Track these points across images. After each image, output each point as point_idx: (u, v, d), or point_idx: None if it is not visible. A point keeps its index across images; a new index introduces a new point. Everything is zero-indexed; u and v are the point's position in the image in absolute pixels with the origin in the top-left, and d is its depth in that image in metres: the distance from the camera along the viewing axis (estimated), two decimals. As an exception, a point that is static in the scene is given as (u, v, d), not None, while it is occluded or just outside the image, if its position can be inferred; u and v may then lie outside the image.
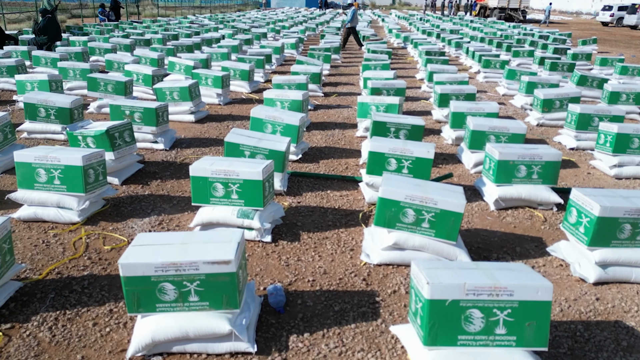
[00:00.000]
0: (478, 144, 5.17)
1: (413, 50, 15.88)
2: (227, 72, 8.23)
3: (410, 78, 11.44)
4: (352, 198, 4.45)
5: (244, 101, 8.56)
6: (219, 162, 3.61)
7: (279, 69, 12.33)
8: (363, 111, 6.45)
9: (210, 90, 8.12)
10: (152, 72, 8.03)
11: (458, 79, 8.28)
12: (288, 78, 7.78)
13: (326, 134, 6.63)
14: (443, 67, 9.54)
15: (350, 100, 8.88)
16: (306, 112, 6.73)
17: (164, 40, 14.65)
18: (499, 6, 39.43)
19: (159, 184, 4.64)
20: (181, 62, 9.49)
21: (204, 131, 6.53)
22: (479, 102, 6.15)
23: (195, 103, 6.95)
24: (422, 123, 5.17)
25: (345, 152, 5.85)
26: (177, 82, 6.95)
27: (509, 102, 8.88)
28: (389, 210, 3.25)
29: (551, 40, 18.16)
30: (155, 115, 5.50)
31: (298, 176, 4.95)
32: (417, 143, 4.31)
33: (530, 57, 13.90)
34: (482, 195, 4.50)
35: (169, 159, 5.37)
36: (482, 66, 11.25)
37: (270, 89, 6.73)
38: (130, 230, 3.71)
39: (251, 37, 15.92)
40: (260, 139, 4.45)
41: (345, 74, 11.84)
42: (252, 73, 9.31)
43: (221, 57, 11.50)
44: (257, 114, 5.36)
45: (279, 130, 5.31)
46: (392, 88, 7.41)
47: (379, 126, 5.18)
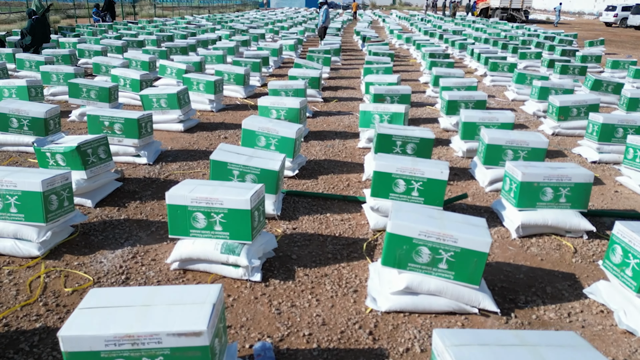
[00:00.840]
0: (494, 159, 4.66)
1: (416, 52, 15.39)
2: (220, 77, 7.72)
3: (413, 82, 10.93)
4: (355, 223, 3.94)
5: (239, 107, 8.05)
6: (200, 188, 3.10)
7: (276, 71, 11.83)
8: (366, 120, 5.94)
9: (202, 96, 7.62)
10: (139, 76, 7.52)
11: (466, 84, 7.77)
12: (285, 83, 7.27)
13: (325, 144, 6.12)
14: (449, 70, 9.04)
15: (351, 106, 8.38)
16: (304, 121, 6.23)
17: (158, 42, 14.16)
18: (501, 6, 38.96)
19: (138, 206, 4.13)
20: (173, 66, 8.99)
21: (193, 142, 6.02)
22: (492, 111, 5.64)
23: (185, 111, 6.45)
24: (431, 136, 4.66)
25: (346, 166, 5.35)
26: (164, 89, 6.44)
27: (520, 109, 8.37)
28: (399, 248, 2.74)
29: (557, 41, 17.65)
30: (137, 127, 4.99)
31: (294, 196, 4.44)
32: (428, 162, 3.80)
33: (537, 59, 13.39)
34: (502, 219, 3.99)
35: (152, 175, 4.86)
36: (489, 69, 10.74)
37: (265, 96, 6.23)
38: (99, 266, 3.20)
39: (248, 38, 15.42)
40: (251, 156, 3.94)
41: (346, 77, 11.33)
42: (247, 77, 8.81)
43: (216, 60, 10.99)
44: (250, 125, 4.86)
45: (273, 143, 4.81)
46: (397, 94, 6.91)
47: (384, 139, 4.67)
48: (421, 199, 3.69)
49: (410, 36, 17.87)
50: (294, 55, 14.37)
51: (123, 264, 3.23)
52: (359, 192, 4.57)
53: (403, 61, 14.43)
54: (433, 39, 18.51)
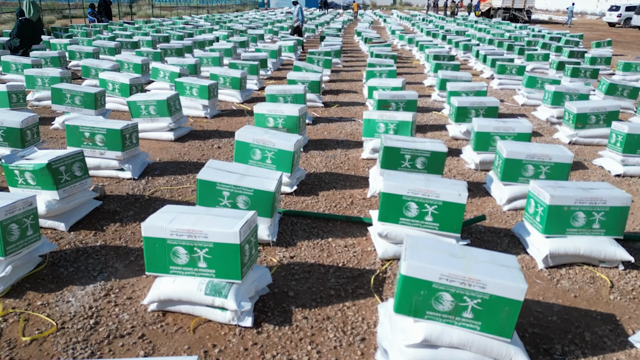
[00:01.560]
0: (513, 175, 4.23)
1: (418, 53, 14.95)
2: (214, 81, 7.28)
3: (417, 85, 10.49)
4: (360, 250, 3.51)
5: (235, 113, 7.61)
6: (182, 217, 2.67)
7: (275, 74, 11.39)
8: (370, 129, 5.51)
9: (196, 102, 7.18)
10: (129, 80, 7.08)
11: (475, 89, 7.34)
12: (283, 88, 6.84)
13: (327, 155, 5.69)
14: (456, 74, 8.61)
15: (354, 111, 7.94)
16: (303, 129, 5.80)
17: (153, 43, 13.72)
18: (503, 6, 38.53)
19: (117, 230, 3.70)
20: (166, 69, 8.57)
21: (183, 152, 5.59)
22: (508, 120, 5.21)
23: (175, 118, 6.01)
24: (443, 149, 4.23)
25: (349, 180, 4.91)
26: (153, 95, 6.00)
27: (532, 114, 7.93)
28: (416, 294, 2.30)
29: (563, 42, 17.23)
30: (120, 138, 4.55)
31: (292, 216, 4.00)
32: (443, 182, 3.36)
33: (545, 60, 12.96)
34: (525, 246, 3.55)
35: (136, 191, 4.42)
36: (497, 72, 10.30)
37: (261, 103, 5.79)
38: (65, 307, 2.77)
39: (247, 39, 14.99)
40: (244, 174, 3.50)
41: (347, 80, 10.90)
42: (244, 81, 8.37)
43: (212, 62, 10.57)
44: (243, 137, 4.42)
45: (269, 157, 4.37)
46: (402, 100, 6.48)
47: (391, 153, 4.24)
48: (436, 224, 3.25)
49: (412, 37, 17.44)
50: (293, 57, 13.94)
51: (93, 304, 2.79)
52: (363, 212, 4.14)
53: (406, 63, 14.00)
54: (436, 39, 18.07)
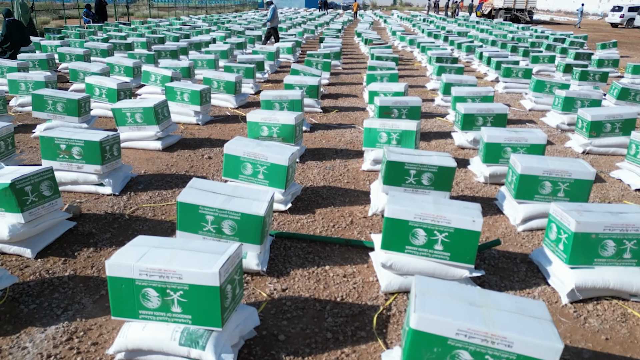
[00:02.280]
0: (528, 192, 3.85)
1: (420, 54, 14.58)
2: (206, 86, 6.90)
3: (419, 88, 10.12)
4: (361, 280, 3.13)
5: (229, 119, 7.24)
6: (153, 253, 2.29)
7: (273, 76, 11.02)
8: (371, 139, 5.13)
9: (187, 108, 6.81)
10: (117, 85, 6.70)
11: (482, 94, 6.96)
12: (280, 93, 6.46)
13: (324, 166, 5.31)
14: (460, 77, 8.23)
15: (353, 117, 7.57)
16: (300, 138, 5.43)
17: (148, 44, 13.36)
18: (504, 7, 38.15)
19: (90, 256, 3.32)
20: (157, 72, 8.19)
21: (171, 164, 5.21)
22: (520, 131, 4.83)
23: (163, 126, 5.64)
24: (452, 164, 3.85)
25: (349, 195, 4.54)
26: (139, 102, 5.63)
27: (541, 120, 7.56)
28: (428, 351, 1.93)
29: (568, 43, 16.86)
30: (99, 151, 4.18)
31: (286, 238, 3.63)
32: (455, 205, 2.98)
33: (551, 63, 12.60)
34: (546, 276, 3.18)
35: (115, 209, 4.05)
36: (503, 75, 9.92)
37: (255, 110, 5.42)
38: (20, 354, 2.39)
39: (244, 40, 14.63)
40: (230, 195, 3.13)
41: (347, 83, 10.52)
42: (239, 85, 8.00)
43: (207, 65, 10.20)
44: (233, 150, 4.05)
45: (261, 171, 4.00)
46: (405, 106, 6.10)
47: (394, 168, 3.87)
48: (446, 253, 2.88)
49: (413, 38, 17.07)
50: (291, 59, 13.57)
51: (52, 352, 2.42)
52: (364, 233, 3.76)
53: (407, 65, 13.63)
54: (437, 40, 17.70)
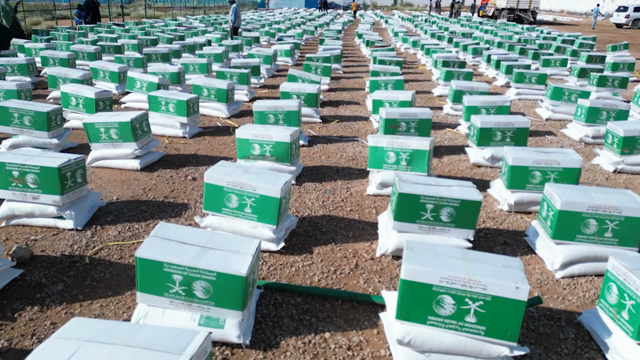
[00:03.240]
0: (569, 231, 3.21)
1: (424, 57, 13.93)
2: (194, 96, 6.25)
3: (426, 94, 9.48)
4: (370, 354, 2.49)
5: (219, 131, 6.60)
6: (86, 351, 1.65)
7: (270, 81, 10.38)
8: (377, 159, 4.50)
9: (172, 119, 6.17)
10: (95, 95, 6.07)
11: (497, 104, 6.32)
12: (275, 104, 5.82)
13: (324, 189, 4.67)
14: (471, 84, 7.59)
15: (356, 128, 6.93)
16: (296, 157, 4.80)
17: (139, 47, 12.72)
18: (507, 7, 37.51)
19: (34, 317, 2.68)
20: (143, 79, 7.55)
21: (149, 187, 4.57)
22: (550, 151, 4.18)
23: (142, 143, 5.00)
24: (476, 197, 3.21)
25: (352, 227, 3.89)
26: (115, 115, 4.99)
27: (560, 132, 6.91)
28: None
29: (577, 45, 16.20)
30: (58, 178, 3.54)
31: (275, 290, 2.99)
32: (490, 262, 2.34)
33: (563, 66, 11.97)
34: (604, 349, 2.52)
35: (75, 249, 3.40)
36: (515, 80, 9.27)
37: (245, 125, 4.79)
38: None
39: (240, 42, 13.98)
40: (205, 246, 2.48)
41: (348, 89, 9.88)
42: (231, 92, 7.36)
43: (199, 69, 9.56)
44: (216, 179, 3.40)
45: (249, 204, 3.36)
46: (414, 119, 5.47)
47: (408, 203, 3.23)
48: (481, 327, 2.24)
49: (417, 40, 16.42)
50: (289, 62, 12.94)
51: None
52: (372, 282, 3.12)
53: (411, 68, 12.99)
54: (442, 42, 17.05)
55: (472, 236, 3.29)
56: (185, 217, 3.98)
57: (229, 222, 3.45)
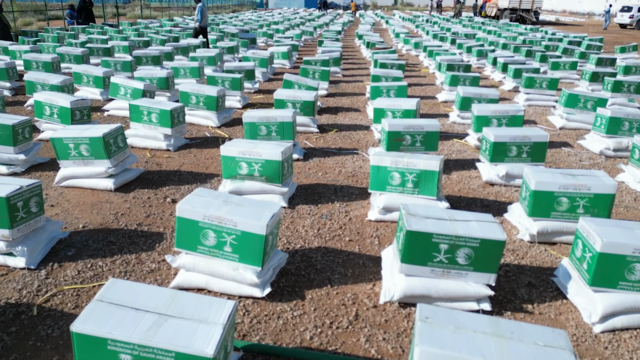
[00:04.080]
0: (612, 277, 2.68)
1: (427, 59, 13.40)
2: (179, 105, 5.72)
3: (429, 100, 8.96)
4: None
5: (208, 142, 6.08)
6: None
7: (265, 85, 9.86)
8: (379, 180, 3.99)
9: (155, 130, 5.65)
10: (70, 104, 5.55)
11: (509, 113, 5.81)
12: (267, 114, 5.30)
13: (320, 213, 4.15)
14: (479, 91, 7.07)
15: (356, 138, 6.41)
16: (288, 176, 4.29)
17: (130, 49, 12.20)
18: (509, 7, 36.99)
19: (-45, 396, 2.17)
20: (127, 85, 7.03)
21: (122, 211, 4.05)
22: (577, 174, 3.66)
23: (117, 160, 4.47)
24: (500, 236, 2.69)
25: (352, 263, 3.37)
26: (86, 130, 4.46)
27: (578, 143, 6.39)
28: None
29: (584, 47, 15.67)
30: (6, 209, 3.01)
31: (258, 353, 2.46)
32: (528, 335, 1.82)
33: (572, 70, 11.43)
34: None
35: (25, 294, 2.87)
36: (524, 85, 8.74)
37: (231, 142, 4.27)
38: None
39: (236, 44, 13.46)
40: (163, 314, 1.95)
41: (348, 94, 9.36)
42: (222, 99, 6.84)
43: (190, 73, 9.05)
44: (190, 212, 2.87)
45: (229, 241, 2.84)
46: (420, 132, 4.96)
47: (419, 242, 2.71)
48: None
49: (419, 41, 15.90)
50: (287, 65, 12.42)
51: None
52: (374, 338, 2.59)
53: (414, 71, 12.47)
54: (444, 43, 16.53)
55: (493, 281, 2.77)
56: (158, 250, 3.46)
57: (205, 262, 2.92)
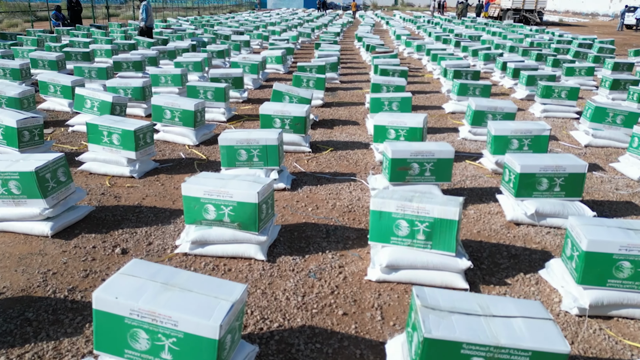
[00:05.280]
0: None
1: (431, 64, 12.54)
2: (145, 124, 4.87)
3: (435, 110, 8.11)
4: None
5: (181, 166, 5.23)
6: None
7: (256, 94, 9.01)
8: (382, 229, 3.15)
9: (117, 154, 4.80)
10: (17, 123, 4.70)
11: (532, 133, 4.97)
12: (247, 136, 4.47)
13: (306, 268, 3.29)
14: (494, 103, 6.23)
15: (354, 159, 5.56)
16: (268, 219, 3.45)
17: (113, 52, 11.36)
18: (512, 7, 36.11)
19: None
20: (94, 97, 6.19)
21: (55, 269, 3.18)
22: (637, 226, 2.80)
23: (56, 198, 3.62)
24: (562, 348, 1.84)
25: (344, 353, 2.51)
26: (14, 164, 3.60)
27: (610, 167, 5.54)
28: None
29: (597, 50, 14.82)
30: None
31: None
32: None
33: (589, 76, 10.57)
34: None
35: None
36: (541, 95, 7.89)
37: (196, 177, 3.42)
38: None
39: (227, 47, 12.62)
40: None
41: (345, 104, 8.51)
42: (201, 114, 5.99)
43: (172, 81, 8.21)
44: (113, 305, 2.01)
45: (167, 346, 1.98)
46: (430, 159, 4.13)
47: (442, 353, 1.85)
48: None
49: (422, 44, 15.03)
50: (281, 70, 11.57)
51: None
52: None
53: (416, 76, 11.61)
54: (448, 46, 15.68)
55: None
56: (87, 334, 2.60)
57: (137, 373, 2.07)
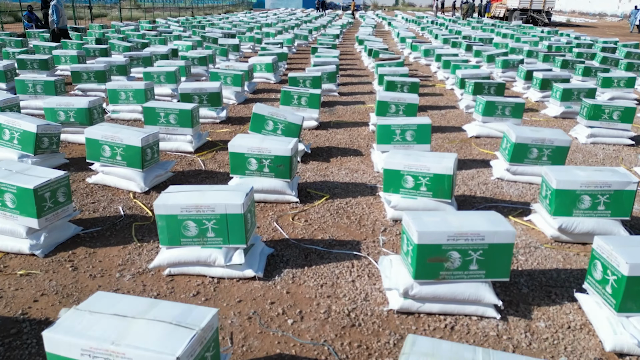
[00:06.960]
0: None
1: (443, 71, 11.02)
2: (53, 178, 3.36)
3: (454, 133, 6.62)
4: None
5: (113, 232, 3.74)
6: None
7: (239, 110, 7.53)
8: None
9: (13, 221, 3.30)
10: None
11: (612, 187, 3.48)
12: (199, 200, 2.99)
13: None
14: (542, 135, 4.77)
15: (358, 215, 4.06)
16: None
17: (79, 59, 9.89)
18: (519, 7, 34.61)
19: None
20: (14, 126, 4.75)
21: None
22: None
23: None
24: None
25: None
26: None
27: None
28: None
29: (623, 55, 13.32)
30: None
31: None
32: None
33: (629, 87, 9.04)
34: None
35: None
36: (587, 117, 6.37)
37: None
38: None
39: (212, 52, 11.09)
40: None
41: (345, 125, 7.02)
42: (152, 150, 4.50)
43: (134, 97, 6.75)
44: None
45: None
46: (477, 247, 2.67)
47: None
48: None
49: (430, 48, 13.52)
50: (271, 79, 10.08)
51: None
52: None
53: (426, 86, 10.10)
54: (459, 50, 14.20)
55: None
56: None
57: None
